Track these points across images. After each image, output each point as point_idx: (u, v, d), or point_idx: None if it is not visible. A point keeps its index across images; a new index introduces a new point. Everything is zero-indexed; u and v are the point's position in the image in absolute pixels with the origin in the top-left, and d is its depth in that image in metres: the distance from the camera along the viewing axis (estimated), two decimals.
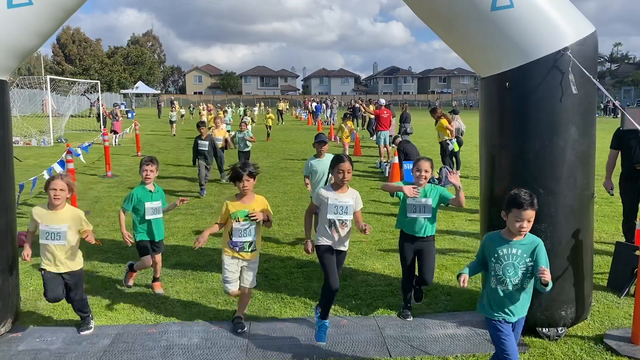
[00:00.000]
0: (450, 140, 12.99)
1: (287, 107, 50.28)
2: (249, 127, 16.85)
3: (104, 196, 11.35)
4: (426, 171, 4.86)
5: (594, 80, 4.41)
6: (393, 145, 14.80)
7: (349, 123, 18.35)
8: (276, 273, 6.38)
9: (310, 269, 6.51)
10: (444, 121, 13.26)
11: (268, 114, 27.31)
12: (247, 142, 12.88)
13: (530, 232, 3.50)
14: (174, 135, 27.56)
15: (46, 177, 9.89)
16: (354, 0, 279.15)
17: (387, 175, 13.86)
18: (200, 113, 39.39)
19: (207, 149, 11.57)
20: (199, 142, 11.58)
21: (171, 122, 28.83)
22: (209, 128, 14.23)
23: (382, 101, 20.75)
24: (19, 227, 5.45)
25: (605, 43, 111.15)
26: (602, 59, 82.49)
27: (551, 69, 4.32)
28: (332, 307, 5.33)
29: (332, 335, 4.69)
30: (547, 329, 4.58)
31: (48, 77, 26.65)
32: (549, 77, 4.33)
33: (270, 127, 26.05)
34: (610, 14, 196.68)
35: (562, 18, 4.37)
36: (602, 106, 51.44)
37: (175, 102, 36.23)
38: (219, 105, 50.35)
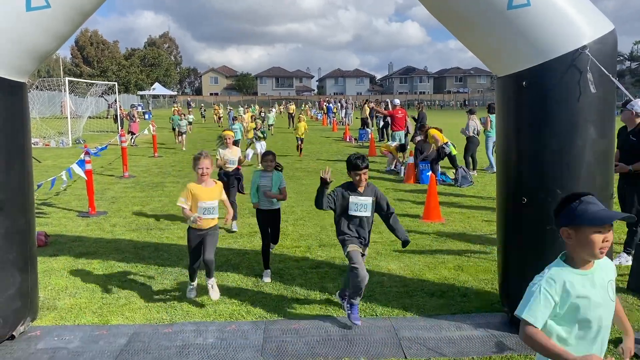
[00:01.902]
0: (446, 144, 13.06)
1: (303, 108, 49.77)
2: (262, 146, 15.12)
3: (121, 196, 11.48)
4: None
5: (613, 79, 4.33)
6: (412, 142, 14.80)
7: None
8: (291, 273, 6.39)
9: (325, 270, 6.51)
10: (432, 131, 13.47)
11: (300, 121, 19.55)
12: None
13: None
14: (184, 150, 20.98)
15: (64, 177, 10.04)
16: (369, 1, 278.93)
17: (402, 175, 13.83)
18: (224, 116, 35.57)
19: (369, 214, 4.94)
20: (352, 199, 4.80)
21: (181, 133, 22.11)
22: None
23: (397, 101, 20.66)
24: (37, 227, 5.53)
25: (624, 41, 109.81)
26: (621, 58, 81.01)
27: (569, 67, 4.25)
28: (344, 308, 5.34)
29: (346, 336, 4.70)
30: None
31: (67, 79, 26.99)
32: (567, 76, 4.27)
33: (302, 139, 19.09)
34: (630, 11, 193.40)
35: (580, 16, 4.30)
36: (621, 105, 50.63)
37: (191, 103, 33.14)
38: (230, 108, 36.44)
